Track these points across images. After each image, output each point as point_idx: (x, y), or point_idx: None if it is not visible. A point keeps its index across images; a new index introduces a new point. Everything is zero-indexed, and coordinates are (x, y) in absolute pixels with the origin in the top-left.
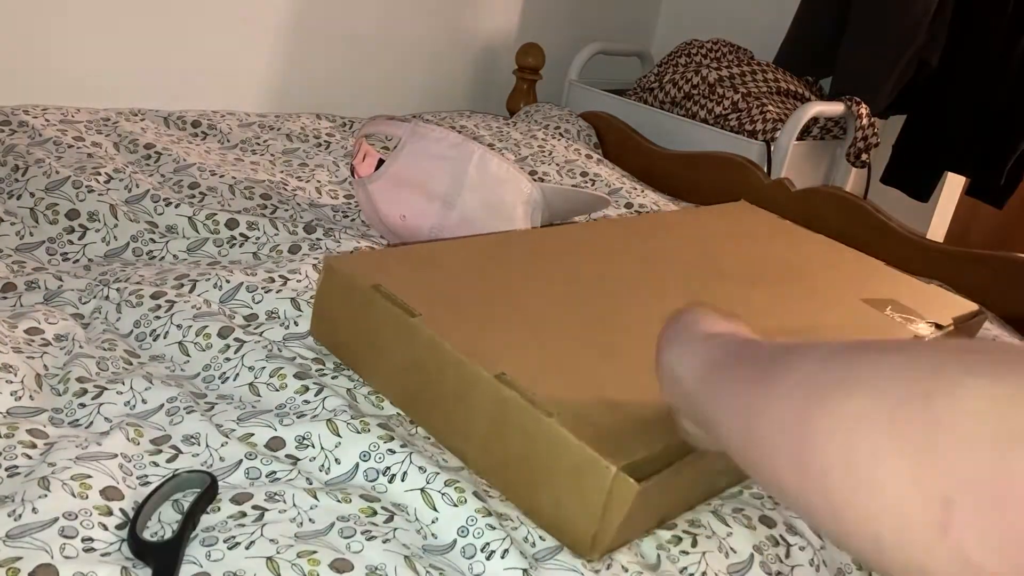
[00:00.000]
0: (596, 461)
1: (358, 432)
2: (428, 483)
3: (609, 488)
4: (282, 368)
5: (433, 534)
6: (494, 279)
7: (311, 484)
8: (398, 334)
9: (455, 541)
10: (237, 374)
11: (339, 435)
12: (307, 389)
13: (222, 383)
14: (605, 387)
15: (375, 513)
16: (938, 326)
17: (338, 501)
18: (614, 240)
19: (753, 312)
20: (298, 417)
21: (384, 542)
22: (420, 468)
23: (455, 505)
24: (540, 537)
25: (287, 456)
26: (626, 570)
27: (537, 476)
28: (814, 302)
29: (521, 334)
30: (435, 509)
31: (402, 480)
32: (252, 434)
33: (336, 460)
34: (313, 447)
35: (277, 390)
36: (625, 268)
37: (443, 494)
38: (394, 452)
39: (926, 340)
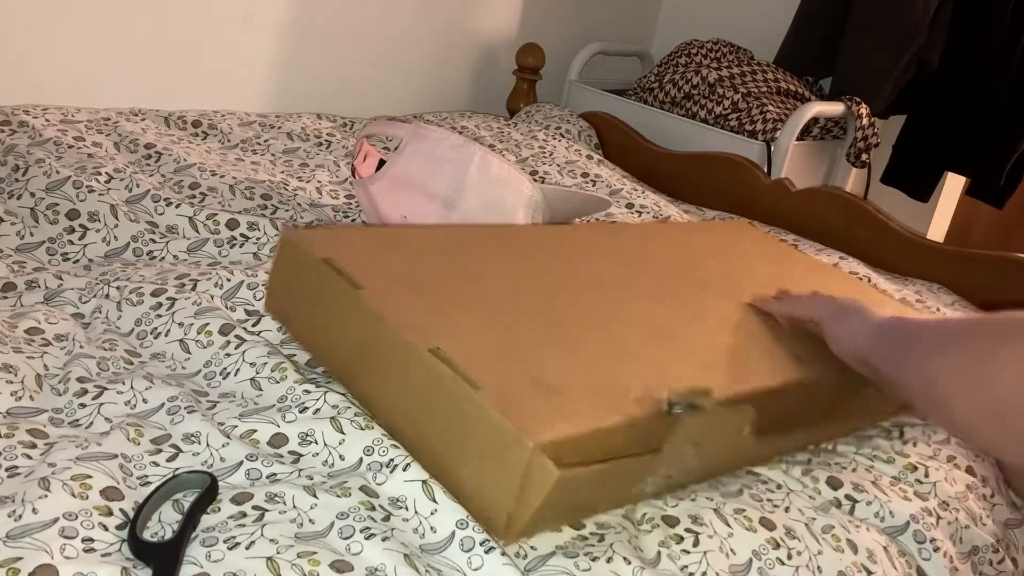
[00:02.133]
0: (515, 436)
1: (362, 429)
2: (431, 476)
3: (526, 465)
4: (283, 363)
5: (432, 528)
6: (456, 266)
7: (312, 480)
8: (340, 305)
9: (453, 533)
10: (238, 369)
11: (343, 432)
12: (309, 384)
13: (223, 379)
14: (544, 372)
15: (374, 508)
16: None
17: (338, 496)
18: (594, 242)
19: (718, 323)
20: (300, 411)
21: (383, 540)
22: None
23: (456, 501)
24: None
25: (290, 452)
26: (628, 562)
27: (462, 450)
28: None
29: (469, 316)
30: (434, 500)
31: (404, 471)
32: (255, 430)
33: (340, 456)
34: (316, 443)
35: (278, 382)
36: (597, 269)
37: (445, 489)
38: (398, 447)
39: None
